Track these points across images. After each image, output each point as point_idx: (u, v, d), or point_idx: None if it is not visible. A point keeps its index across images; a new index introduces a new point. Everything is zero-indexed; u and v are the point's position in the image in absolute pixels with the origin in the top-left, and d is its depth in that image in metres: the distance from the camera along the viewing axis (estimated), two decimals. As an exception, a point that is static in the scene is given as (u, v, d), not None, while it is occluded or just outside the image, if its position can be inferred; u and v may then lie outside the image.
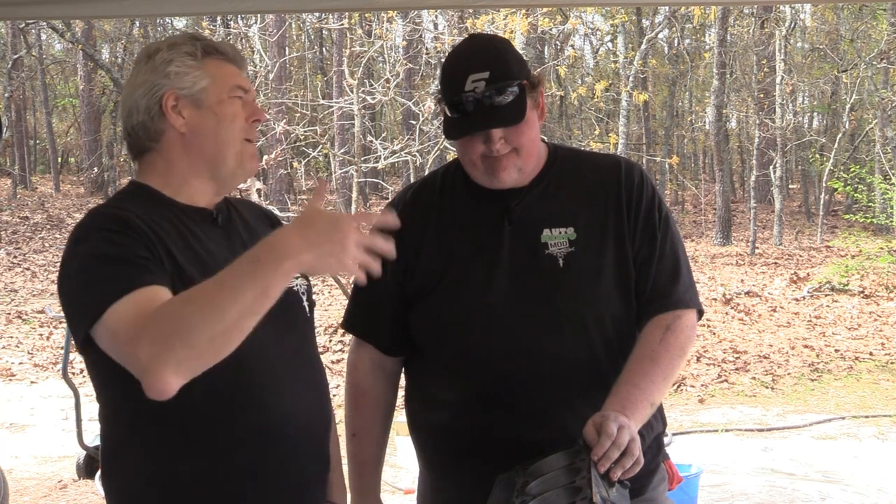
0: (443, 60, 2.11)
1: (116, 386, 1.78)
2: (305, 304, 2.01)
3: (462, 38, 2.19)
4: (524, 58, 2.12)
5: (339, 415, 2.27)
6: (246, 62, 2.00)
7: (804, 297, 12.18)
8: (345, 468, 2.16)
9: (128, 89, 1.90)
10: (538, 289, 2.01)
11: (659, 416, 2.15)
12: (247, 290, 1.54)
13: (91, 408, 6.70)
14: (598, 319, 2.02)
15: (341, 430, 2.18)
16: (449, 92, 2.01)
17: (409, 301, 2.10)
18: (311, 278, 2.09)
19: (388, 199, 19.61)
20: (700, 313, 2.13)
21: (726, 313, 11.01)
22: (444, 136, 2.06)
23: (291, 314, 1.95)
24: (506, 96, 1.98)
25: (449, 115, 2.02)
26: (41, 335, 9.93)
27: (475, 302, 2.02)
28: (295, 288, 1.98)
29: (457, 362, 2.04)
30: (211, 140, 1.87)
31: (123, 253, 1.70)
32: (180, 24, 23.84)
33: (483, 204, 2.08)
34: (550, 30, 11.60)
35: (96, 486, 5.44)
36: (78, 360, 8.53)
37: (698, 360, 8.77)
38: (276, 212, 5.38)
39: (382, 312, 2.13)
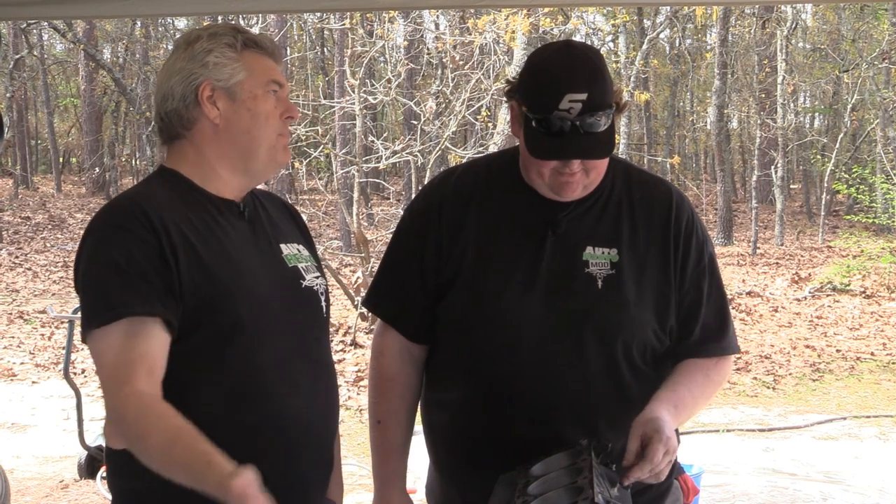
0: (532, 60, 1.97)
1: None
2: (323, 304, 1.99)
3: (560, 42, 2.04)
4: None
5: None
6: (282, 56, 2.00)
7: (806, 298, 12.17)
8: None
9: (164, 74, 1.89)
10: (572, 307, 1.96)
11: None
12: (181, 479, 1.66)
13: (92, 408, 6.73)
14: (626, 346, 1.98)
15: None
16: (540, 105, 1.88)
17: (439, 290, 2.04)
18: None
19: (389, 199, 19.47)
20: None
21: (727, 313, 11.00)
22: (529, 152, 1.92)
23: (310, 314, 1.95)
24: (598, 121, 1.87)
25: (534, 125, 1.90)
26: (43, 335, 9.92)
27: (505, 309, 1.97)
28: (315, 288, 1.97)
29: (475, 362, 2.00)
30: (244, 135, 1.86)
31: (132, 265, 1.73)
32: (181, 24, 23.84)
33: (530, 209, 2.01)
34: (552, 30, 11.57)
35: (98, 486, 5.44)
36: (79, 361, 8.53)
37: (700, 360, 8.75)
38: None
39: (412, 297, 2.06)
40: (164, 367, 1.74)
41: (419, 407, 2.16)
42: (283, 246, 1.96)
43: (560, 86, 1.87)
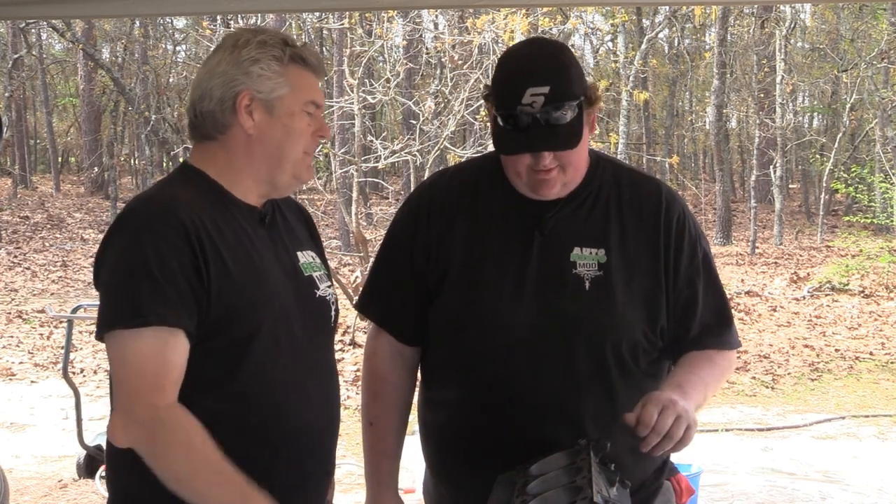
0: (500, 59, 1.99)
1: None
2: (333, 313, 2.01)
3: (526, 40, 2.04)
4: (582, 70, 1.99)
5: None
6: (325, 72, 2.00)
7: (804, 297, 12.18)
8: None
9: (204, 72, 1.88)
10: (561, 309, 1.95)
11: None
12: None
13: (91, 407, 6.73)
14: (616, 347, 1.96)
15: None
16: (504, 102, 1.90)
17: (430, 290, 2.03)
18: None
19: (388, 198, 19.43)
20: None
21: (726, 313, 11.00)
22: (495, 149, 1.94)
23: (321, 323, 1.97)
24: (563, 114, 1.87)
25: (501, 124, 1.91)
26: (41, 335, 9.92)
27: (497, 309, 1.97)
28: (328, 298, 1.99)
29: (469, 362, 2.00)
30: (275, 149, 1.87)
31: (165, 272, 1.73)
32: (180, 23, 23.84)
33: (517, 210, 2.01)
34: (550, 29, 11.57)
35: (97, 485, 5.44)
36: (78, 360, 8.53)
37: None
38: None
39: (402, 299, 2.06)
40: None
41: (415, 406, 2.16)
42: (299, 254, 1.97)
43: (522, 81, 1.87)
